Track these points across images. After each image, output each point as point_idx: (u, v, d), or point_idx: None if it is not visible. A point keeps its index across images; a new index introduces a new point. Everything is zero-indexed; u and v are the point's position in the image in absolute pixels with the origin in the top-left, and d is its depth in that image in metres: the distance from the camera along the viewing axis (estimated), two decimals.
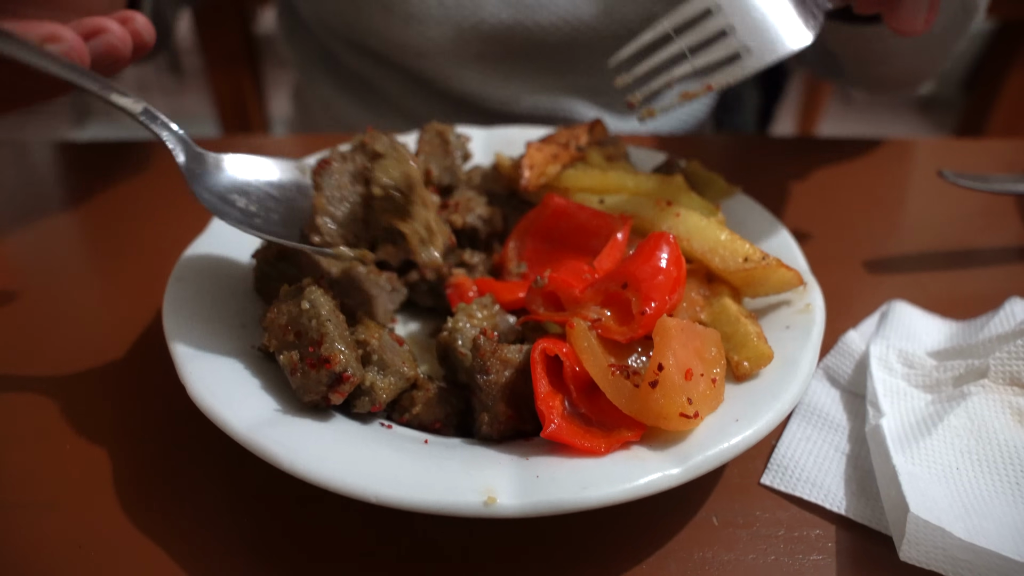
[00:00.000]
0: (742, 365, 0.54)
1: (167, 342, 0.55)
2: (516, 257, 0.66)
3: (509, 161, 0.73)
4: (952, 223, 0.90)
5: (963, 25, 0.94)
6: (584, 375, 0.51)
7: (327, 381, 0.50)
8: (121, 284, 0.77)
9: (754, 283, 0.60)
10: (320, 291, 0.54)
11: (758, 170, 1.00)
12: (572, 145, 0.74)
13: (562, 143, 0.74)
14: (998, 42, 2.34)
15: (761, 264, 0.59)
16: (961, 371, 0.61)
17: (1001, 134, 2.31)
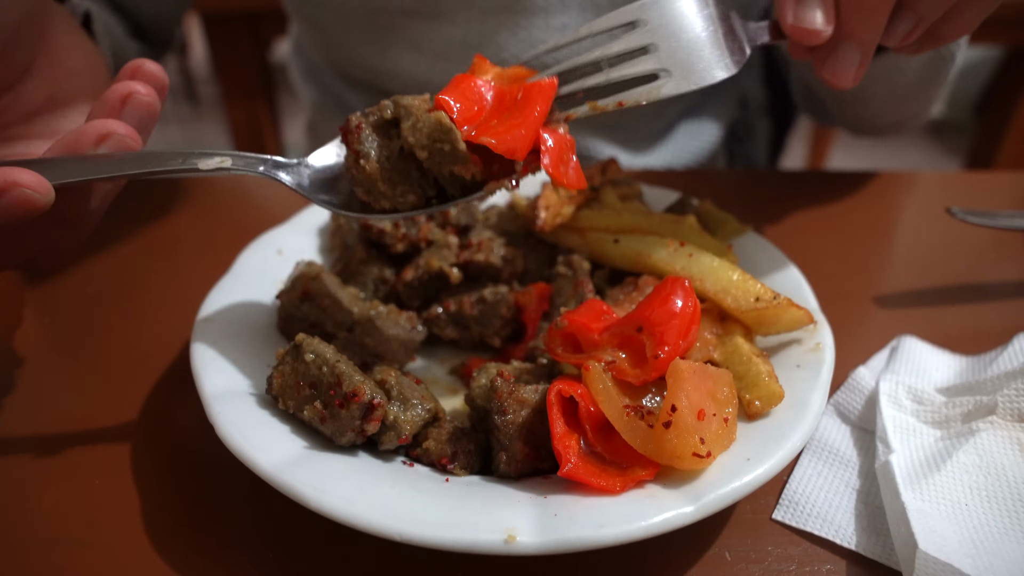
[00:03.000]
0: (754, 404, 0.55)
1: (195, 381, 0.57)
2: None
3: (525, 201, 0.76)
4: (962, 257, 0.92)
5: (939, 72, 0.96)
6: (599, 415, 0.52)
7: (359, 414, 0.52)
8: (147, 320, 0.79)
9: (766, 322, 0.62)
10: (316, 339, 0.56)
11: (769, 205, 1.02)
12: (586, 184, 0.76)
13: None
14: (1008, 68, 2.35)
15: (772, 304, 0.61)
16: (970, 407, 0.62)
17: (1013, 159, 2.32)
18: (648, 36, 0.59)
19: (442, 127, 0.54)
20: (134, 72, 0.57)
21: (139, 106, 0.55)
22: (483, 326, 0.68)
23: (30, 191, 0.48)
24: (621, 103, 0.59)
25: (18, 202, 0.48)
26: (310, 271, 0.68)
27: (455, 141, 0.54)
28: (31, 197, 0.48)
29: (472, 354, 0.70)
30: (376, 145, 0.56)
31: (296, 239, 0.78)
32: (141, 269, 0.88)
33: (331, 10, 1.12)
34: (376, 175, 0.55)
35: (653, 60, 0.59)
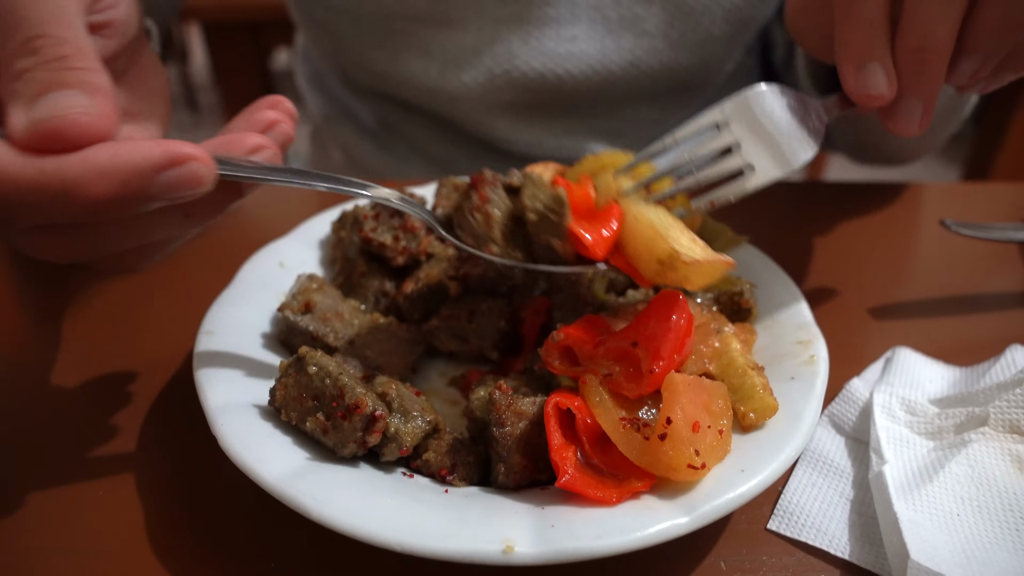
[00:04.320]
0: (748, 416, 0.56)
1: (198, 393, 0.58)
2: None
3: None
4: (956, 269, 0.92)
5: (957, 110, 0.97)
6: (596, 427, 0.53)
7: (361, 426, 0.53)
8: (151, 331, 0.80)
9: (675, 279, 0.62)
10: (319, 352, 0.57)
11: (765, 215, 1.03)
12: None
13: None
14: None
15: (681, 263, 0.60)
16: (962, 418, 0.63)
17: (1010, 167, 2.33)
18: (731, 136, 0.64)
19: (559, 200, 0.60)
20: (274, 104, 0.57)
21: (281, 135, 0.56)
22: (481, 339, 0.69)
23: (204, 168, 0.47)
24: (712, 203, 0.64)
25: (189, 175, 0.46)
26: (311, 284, 0.69)
27: (564, 216, 0.60)
28: (203, 174, 0.47)
29: (471, 366, 0.71)
30: (501, 198, 0.63)
31: (298, 251, 0.79)
32: (143, 280, 0.89)
33: (344, 15, 1.13)
34: (495, 224, 0.61)
35: (738, 158, 0.63)
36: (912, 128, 0.64)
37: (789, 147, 0.63)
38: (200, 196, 0.48)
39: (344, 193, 0.56)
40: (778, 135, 0.63)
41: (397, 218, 0.73)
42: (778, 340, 0.66)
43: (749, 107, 0.63)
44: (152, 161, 0.45)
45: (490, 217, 0.61)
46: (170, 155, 0.45)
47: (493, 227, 0.61)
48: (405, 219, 0.73)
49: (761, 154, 0.63)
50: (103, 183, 0.44)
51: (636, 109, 1.18)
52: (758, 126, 0.63)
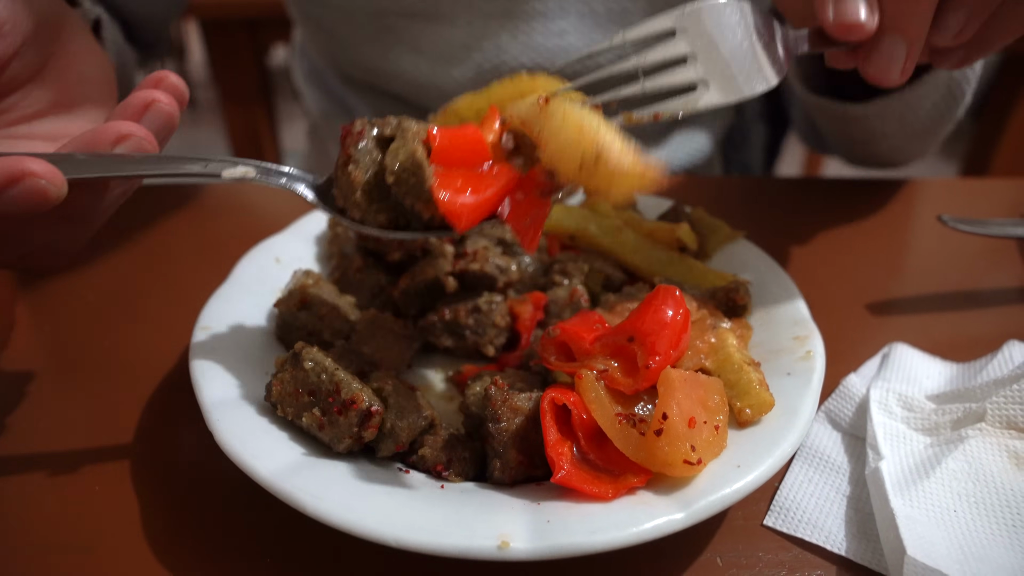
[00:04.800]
0: (744, 412, 0.56)
1: (194, 389, 0.58)
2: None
3: None
4: (954, 264, 0.92)
5: (950, 111, 0.96)
6: (592, 423, 0.53)
7: (357, 421, 0.53)
8: (146, 327, 0.80)
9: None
10: (314, 348, 0.57)
11: (762, 212, 1.03)
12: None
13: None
14: (1004, 74, 2.36)
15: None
16: (959, 414, 0.63)
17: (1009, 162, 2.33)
18: (686, 46, 0.57)
19: (414, 160, 0.54)
20: (157, 82, 0.57)
21: (159, 114, 0.55)
22: (478, 335, 0.68)
23: (45, 182, 0.47)
24: (657, 115, 0.57)
25: (30, 192, 0.46)
26: (307, 280, 0.69)
27: (422, 179, 0.54)
28: (45, 188, 0.47)
29: (467, 362, 0.71)
30: (368, 155, 0.56)
31: (294, 247, 0.79)
32: (139, 276, 0.89)
33: (335, 11, 1.13)
34: (357, 184, 0.55)
35: (691, 71, 0.57)
36: (893, 73, 0.60)
37: (745, 72, 0.57)
38: (55, 205, 0.47)
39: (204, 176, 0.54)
40: (736, 56, 0.57)
41: None
42: (774, 336, 0.66)
43: (706, 18, 0.57)
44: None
45: (351, 177, 0.56)
46: (5, 174, 0.45)
47: (355, 189, 0.56)
48: None
49: (715, 73, 0.57)
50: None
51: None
52: (717, 41, 0.57)
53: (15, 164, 0.46)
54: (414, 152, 0.54)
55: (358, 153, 0.56)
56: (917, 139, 1.03)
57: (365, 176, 0.56)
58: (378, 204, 0.56)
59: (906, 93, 0.88)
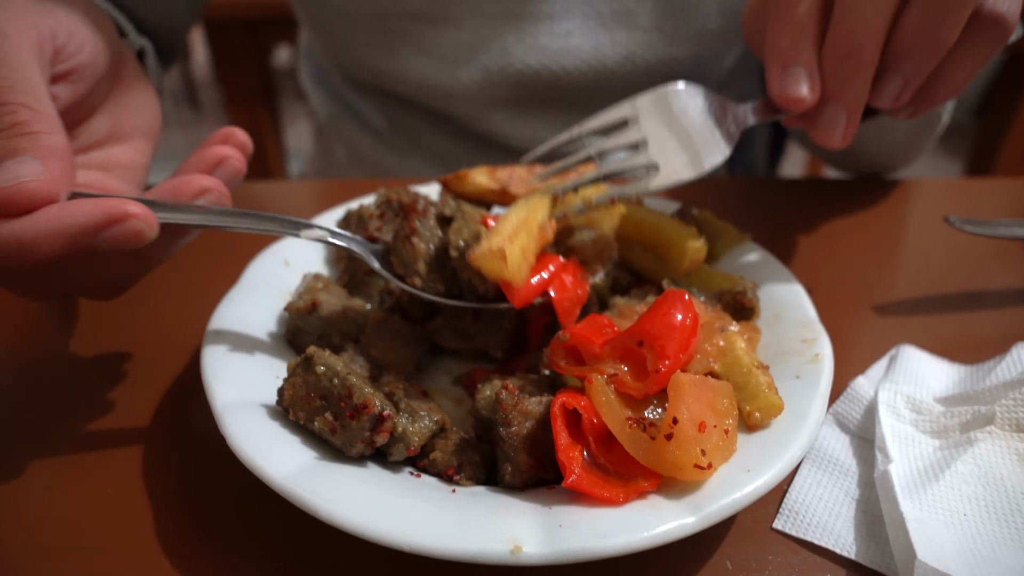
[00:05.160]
0: (754, 416, 0.56)
1: (206, 393, 0.58)
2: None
3: None
4: (961, 265, 0.92)
5: (926, 130, 1.00)
6: (602, 427, 0.53)
7: (369, 426, 0.53)
8: (157, 328, 0.80)
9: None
10: (326, 352, 0.57)
11: (768, 213, 1.03)
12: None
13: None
14: (1007, 72, 2.36)
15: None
16: (968, 417, 0.63)
17: (1014, 161, 2.33)
18: (639, 133, 0.64)
19: (478, 238, 0.61)
20: (226, 138, 0.62)
21: (230, 169, 0.61)
22: (486, 337, 0.69)
23: (143, 224, 0.51)
24: (614, 200, 0.64)
25: (128, 233, 0.51)
26: (317, 283, 0.69)
27: None
28: (142, 230, 0.51)
29: (475, 364, 0.71)
30: (429, 231, 0.64)
31: (303, 250, 0.79)
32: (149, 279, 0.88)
33: (340, 14, 1.13)
34: (420, 255, 0.62)
35: (643, 156, 0.63)
36: (835, 138, 0.65)
37: (700, 149, 0.63)
38: (145, 245, 0.52)
39: (276, 233, 0.60)
40: (689, 136, 0.63)
41: (402, 217, 0.73)
42: (782, 338, 0.66)
43: (662, 104, 0.63)
44: (93, 221, 0.50)
45: (415, 249, 0.62)
46: (109, 215, 0.50)
47: (418, 259, 0.63)
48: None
49: (670, 153, 0.63)
50: (54, 242, 0.50)
51: None
52: (670, 124, 0.63)
53: (119, 205, 0.51)
54: (479, 232, 0.61)
55: (421, 228, 0.64)
56: (897, 153, 1.05)
57: (428, 248, 0.63)
58: (436, 274, 0.64)
59: (879, 119, 0.92)
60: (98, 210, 0.50)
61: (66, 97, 0.63)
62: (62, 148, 0.55)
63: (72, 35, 0.63)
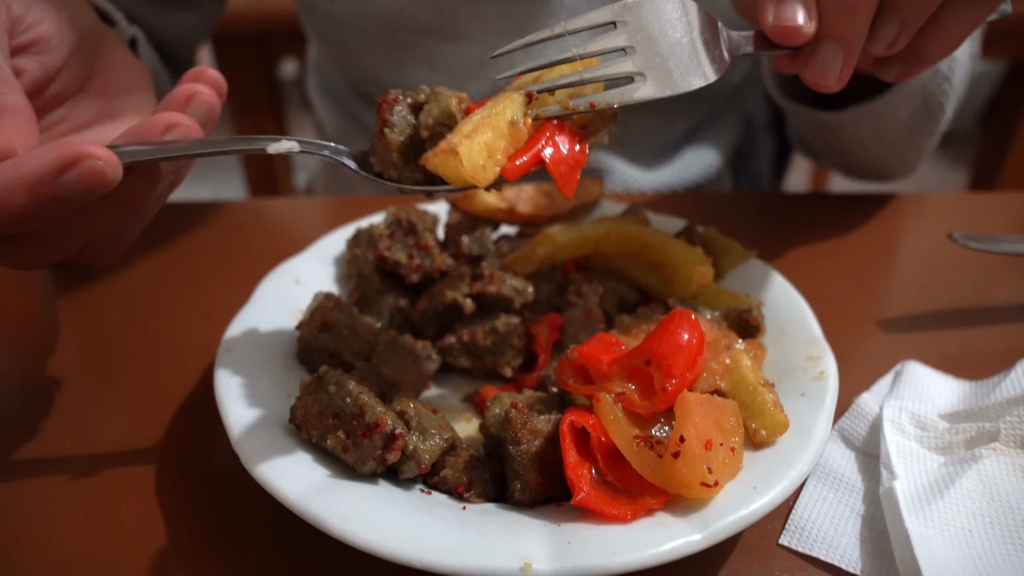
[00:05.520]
0: (759, 433, 0.57)
1: (220, 411, 0.59)
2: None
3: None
4: (965, 279, 0.93)
5: (928, 122, 0.98)
6: (610, 445, 0.54)
7: (381, 444, 0.54)
8: (170, 345, 0.81)
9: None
10: (338, 371, 0.58)
11: (773, 228, 1.04)
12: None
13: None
14: (1012, 80, 2.36)
15: None
16: (973, 433, 0.64)
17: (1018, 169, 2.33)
18: (626, 38, 0.59)
19: (448, 113, 0.57)
20: (197, 76, 0.60)
21: (202, 105, 0.58)
22: (496, 356, 0.70)
23: (102, 163, 0.48)
24: (593, 104, 0.58)
25: (89, 174, 0.48)
26: (328, 302, 0.70)
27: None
28: (102, 169, 0.48)
29: (485, 382, 0.72)
30: (403, 120, 0.59)
31: (313, 268, 0.81)
32: (162, 295, 0.90)
33: (351, 29, 1.15)
34: (393, 146, 0.58)
35: (629, 63, 0.58)
36: (830, 78, 0.63)
37: (683, 67, 0.59)
38: (113, 187, 0.49)
39: (251, 151, 0.56)
40: (675, 51, 0.59)
41: (412, 236, 0.74)
42: (788, 355, 0.67)
43: (650, 12, 0.59)
44: (47, 166, 0.47)
45: (388, 140, 0.58)
46: (65, 157, 0.47)
47: (391, 151, 0.58)
48: (419, 237, 0.74)
49: (652, 66, 0.58)
50: (13, 195, 0.48)
51: (640, 119, 1.20)
52: (656, 35, 0.58)
53: (73, 147, 0.48)
54: (448, 105, 0.57)
55: (393, 118, 0.59)
56: (896, 149, 1.04)
57: (400, 139, 0.58)
58: (413, 165, 0.59)
59: (877, 102, 0.90)
60: (52, 154, 0.48)
61: (35, 70, 0.61)
62: (17, 106, 0.53)
63: (30, 5, 0.61)
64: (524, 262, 0.74)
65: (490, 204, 0.77)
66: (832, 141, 1.04)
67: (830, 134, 1.02)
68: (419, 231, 0.73)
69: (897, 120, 0.95)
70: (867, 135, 0.98)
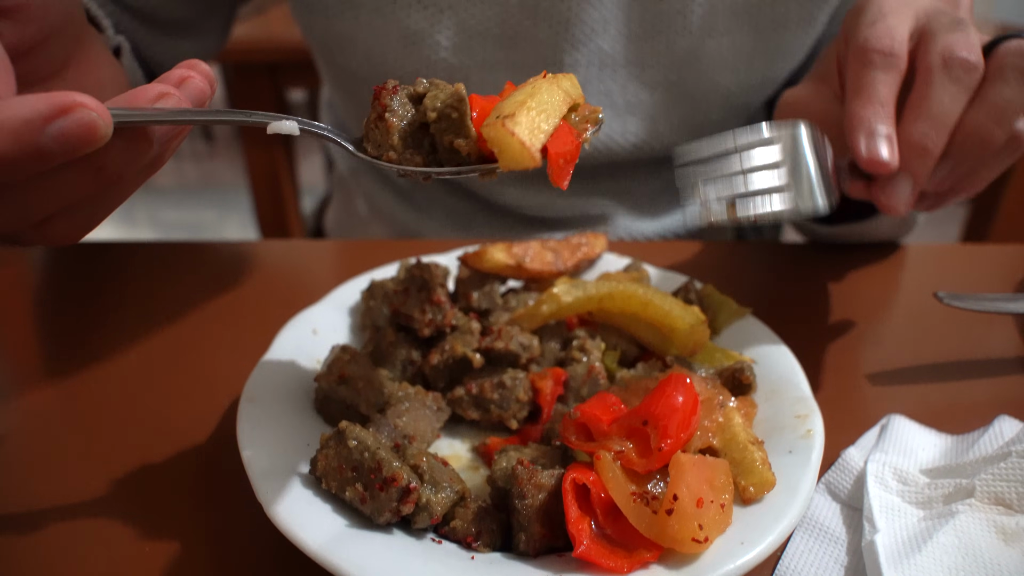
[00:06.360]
0: (748, 490, 0.61)
1: (244, 461, 0.63)
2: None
3: None
4: (952, 333, 0.97)
5: (905, 227, 1.13)
6: (609, 500, 0.58)
7: (397, 497, 0.58)
8: (188, 390, 0.85)
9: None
10: (358, 427, 0.63)
11: (768, 278, 1.08)
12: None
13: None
14: None
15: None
16: (951, 489, 0.68)
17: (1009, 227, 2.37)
18: (776, 153, 0.68)
19: (457, 95, 0.60)
20: (190, 66, 0.57)
21: (193, 89, 0.55)
22: (502, 409, 0.74)
23: (95, 115, 0.45)
24: (756, 217, 0.68)
25: (80, 125, 0.45)
26: (345, 355, 0.74)
27: (464, 113, 0.59)
28: (95, 121, 0.45)
29: (492, 433, 0.76)
30: (402, 107, 0.62)
31: (330, 318, 0.85)
32: (183, 339, 0.94)
33: (366, 85, 1.19)
34: (394, 130, 0.60)
35: (782, 175, 0.68)
36: (900, 205, 0.72)
37: (814, 187, 0.68)
38: (101, 145, 0.46)
39: (249, 124, 0.56)
40: (813, 171, 0.68)
41: (424, 292, 0.78)
42: (778, 413, 0.71)
43: (797, 135, 0.68)
44: (39, 111, 0.44)
45: (389, 124, 0.60)
46: (56, 105, 0.44)
47: (392, 134, 0.60)
48: (432, 292, 0.78)
49: (795, 180, 0.67)
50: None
51: (642, 180, 1.25)
52: (800, 156, 0.68)
53: (66, 95, 0.45)
54: (457, 89, 0.60)
55: (393, 104, 0.61)
56: (889, 235, 1.15)
57: (400, 124, 0.61)
58: (412, 149, 0.61)
59: (864, 224, 1.05)
60: (43, 101, 0.44)
61: (10, 35, 0.58)
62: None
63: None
64: (530, 319, 0.78)
65: (499, 261, 0.82)
66: (820, 234, 1.17)
67: (828, 238, 1.15)
68: (432, 287, 0.78)
69: (879, 231, 1.09)
70: (852, 237, 1.12)
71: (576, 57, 1.10)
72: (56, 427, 0.80)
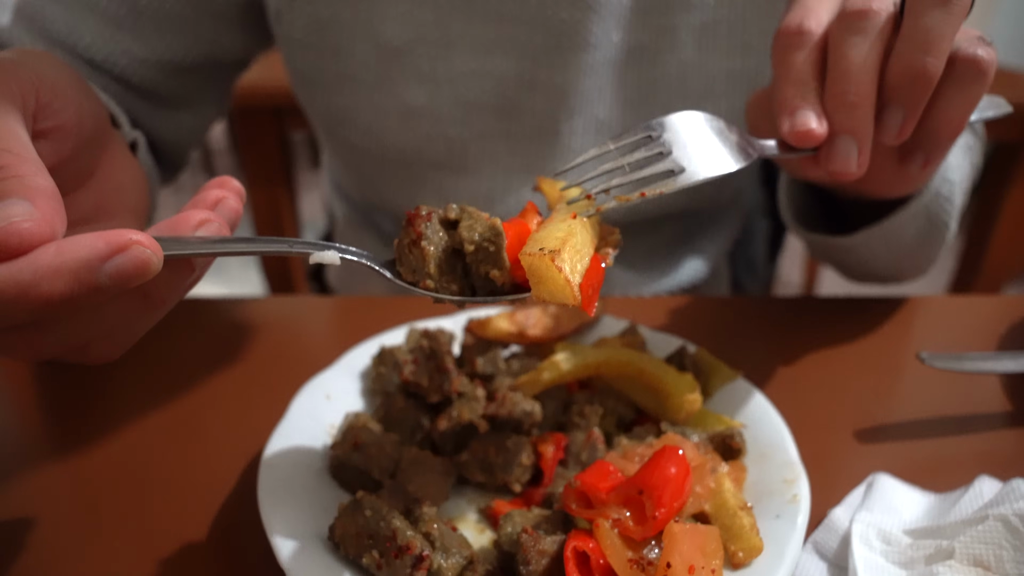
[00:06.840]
0: (737, 555, 0.65)
1: (265, 527, 0.67)
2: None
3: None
4: (938, 389, 1.01)
5: (933, 235, 1.07)
6: (607, 566, 0.63)
7: (410, 563, 0.63)
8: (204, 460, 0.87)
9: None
10: (372, 496, 0.67)
11: (759, 334, 1.12)
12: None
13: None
14: (995, 163, 2.45)
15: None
16: (932, 550, 0.72)
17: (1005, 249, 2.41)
18: (661, 145, 0.70)
19: (495, 230, 0.63)
20: (222, 184, 0.61)
21: (229, 211, 0.58)
22: (506, 472, 0.78)
23: (149, 252, 0.48)
24: (643, 193, 0.68)
25: (134, 261, 0.48)
26: (358, 422, 0.79)
27: (501, 247, 0.63)
28: (149, 258, 0.48)
29: (496, 495, 0.80)
30: (436, 234, 0.64)
31: (342, 383, 0.89)
32: (199, 404, 0.97)
33: (366, 156, 1.24)
34: (430, 257, 0.63)
35: (669, 162, 0.69)
36: (851, 165, 0.72)
37: (715, 156, 0.69)
38: (151, 278, 0.49)
39: (293, 255, 0.58)
40: (706, 147, 0.70)
41: (432, 361, 0.83)
42: (766, 476, 0.75)
43: (684, 122, 0.70)
44: (97, 251, 0.47)
45: (424, 252, 0.63)
46: (113, 244, 0.47)
47: (428, 262, 0.63)
48: (440, 361, 0.83)
49: (688, 160, 0.68)
50: (56, 281, 0.46)
51: (636, 236, 1.30)
52: (688, 138, 0.70)
53: (121, 234, 0.48)
54: (494, 224, 0.64)
55: (428, 232, 0.64)
56: (906, 260, 1.12)
57: (436, 251, 0.64)
58: (448, 275, 0.65)
59: (885, 224, 0.99)
60: (101, 240, 0.47)
61: (48, 156, 0.61)
62: (50, 189, 0.52)
63: (56, 94, 0.62)
64: (532, 385, 0.83)
65: (502, 329, 0.86)
66: (849, 261, 1.14)
67: (846, 256, 1.11)
68: (440, 355, 0.82)
69: (906, 236, 1.04)
70: (879, 251, 1.07)
71: (572, 125, 1.14)
72: (64, 503, 0.82)
